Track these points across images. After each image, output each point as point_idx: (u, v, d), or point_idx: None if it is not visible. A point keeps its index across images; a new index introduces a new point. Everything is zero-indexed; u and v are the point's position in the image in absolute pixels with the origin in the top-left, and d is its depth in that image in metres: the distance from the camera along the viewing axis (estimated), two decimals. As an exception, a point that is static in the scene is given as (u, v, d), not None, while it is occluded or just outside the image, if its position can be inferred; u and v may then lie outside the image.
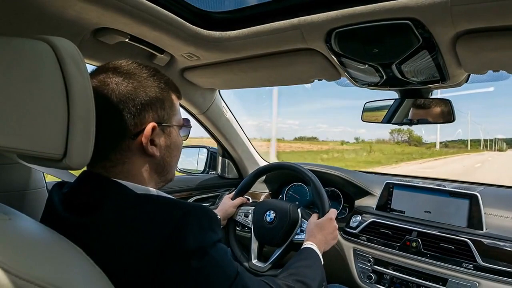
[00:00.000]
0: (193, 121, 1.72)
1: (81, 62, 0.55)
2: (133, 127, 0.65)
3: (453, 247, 1.20)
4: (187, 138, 0.82)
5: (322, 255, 1.03)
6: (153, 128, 0.67)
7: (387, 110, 1.32)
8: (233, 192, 1.45)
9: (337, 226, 1.16)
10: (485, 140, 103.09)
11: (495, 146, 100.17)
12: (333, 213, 1.19)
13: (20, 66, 0.48)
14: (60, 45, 0.53)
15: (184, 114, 0.84)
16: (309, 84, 1.44)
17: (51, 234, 0.54)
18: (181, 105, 1.61)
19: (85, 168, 0.68)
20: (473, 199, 1.26)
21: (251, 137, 1.97)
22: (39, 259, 0.46)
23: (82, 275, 0.49)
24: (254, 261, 1.28)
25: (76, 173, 0.71)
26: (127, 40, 1.06)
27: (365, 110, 1.37)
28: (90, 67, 0.66)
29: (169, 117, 0.72)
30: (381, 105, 1.34)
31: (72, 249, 0.52)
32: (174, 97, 0.74)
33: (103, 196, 0.62)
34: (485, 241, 1.17)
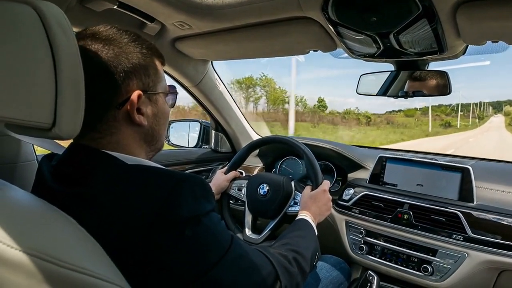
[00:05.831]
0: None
1: (68, 27, 0.52)
2: (118, 96, 0.63)
3: (444, 219, 1.22)
4: (173, 105, 0.79)
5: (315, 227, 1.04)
6: (139, 96, 0.64)
7: (383, 83, 1.31)
8: (226, 167, 1.44)
9: (330, 197, 1.17)
10: (475, 105, 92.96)
11: (481, 110, 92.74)
12: (326, 184, 1.19)
13: (2, 30, 0.45)
14: (45, 9, 0.50)
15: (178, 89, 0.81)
16: (302, 57, 1.41)
17: (43, 205, 0.53)
18: (173, 77, 1.59)
19: (72, 141, 0.66)
20: (465, 173, 1.28)
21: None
22: (31, 229, 0.45)
23: (76, 244, 0.48)
24: (248, 233, 1.28)
25: (66, 146, 0.69)
26: (115, 7, 1.02)
27: (360, 82, 1.35)
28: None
29: (154, 84, 0.69)
30: (377, 77, 1.32)
31: (65, 219, 0.51)
32: (157, 63, 0.71)
33: (93, 168, 0.61)
34: (475, 213, 1.19)
